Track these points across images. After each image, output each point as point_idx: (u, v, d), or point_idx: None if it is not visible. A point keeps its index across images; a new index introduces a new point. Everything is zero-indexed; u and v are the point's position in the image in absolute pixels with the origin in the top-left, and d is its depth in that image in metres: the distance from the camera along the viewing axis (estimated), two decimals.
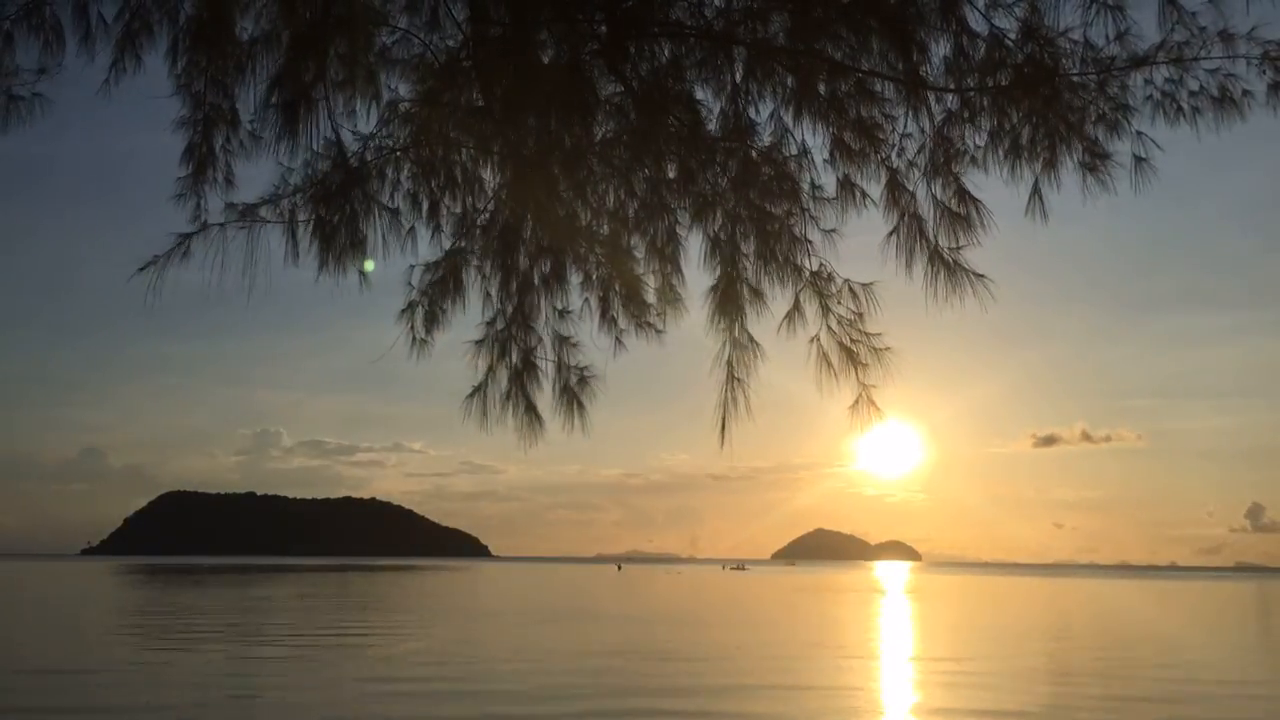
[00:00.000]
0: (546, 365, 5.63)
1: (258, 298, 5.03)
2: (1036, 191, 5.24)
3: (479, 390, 5.53)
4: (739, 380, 5.55)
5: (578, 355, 5.67)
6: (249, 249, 5.04)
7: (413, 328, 5.60)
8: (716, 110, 5.50)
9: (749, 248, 5.58)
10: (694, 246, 5.64)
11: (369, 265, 5.31)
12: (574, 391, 5.59)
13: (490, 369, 5.55)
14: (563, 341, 5.68)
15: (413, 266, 5.58)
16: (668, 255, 5.67)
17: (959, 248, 5.28)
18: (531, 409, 5.56)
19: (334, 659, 21.79)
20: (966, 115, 5.28)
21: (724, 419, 5.50)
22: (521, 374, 5.59)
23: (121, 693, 16.67)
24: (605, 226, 5.65)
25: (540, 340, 5.66)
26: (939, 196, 5.35)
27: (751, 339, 5.59)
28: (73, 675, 18.64)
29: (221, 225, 5.11)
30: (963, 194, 5.33)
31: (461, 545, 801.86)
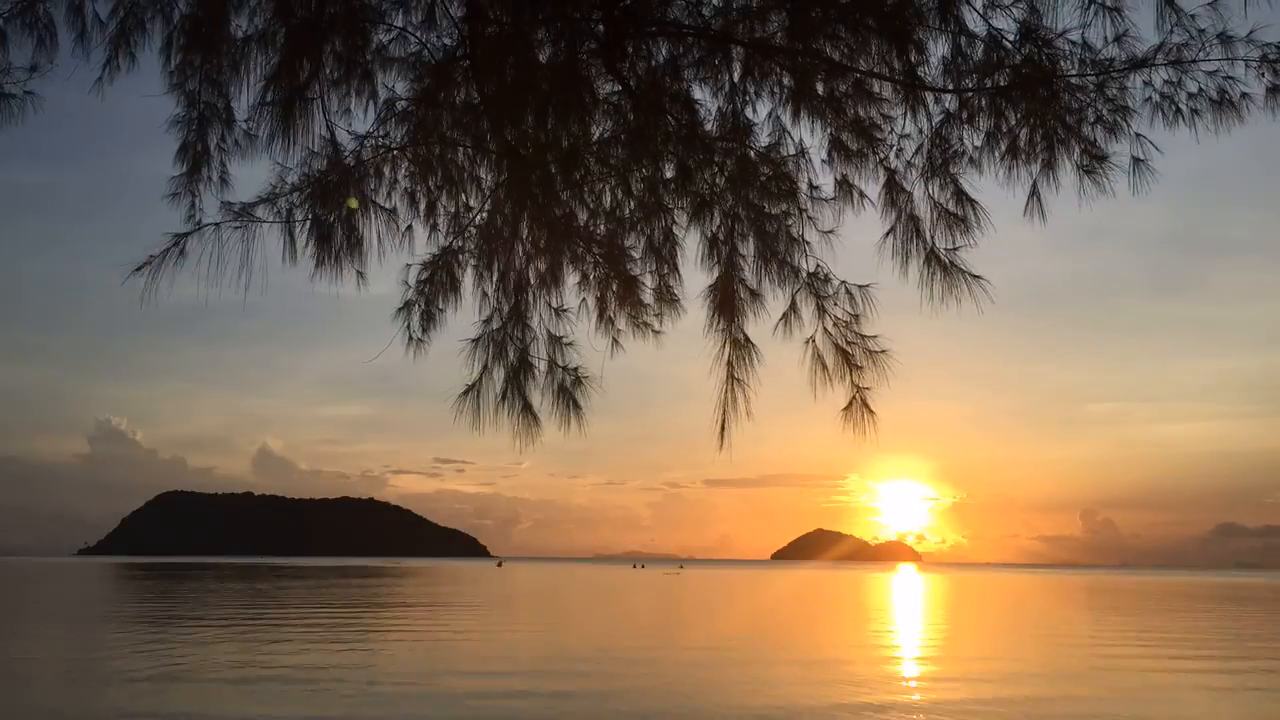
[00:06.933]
0: (541, 365, 5.58)
1: (261, 302, 4.96)
2: (1035, 193, 5.22)
3: (472, 389, 5.45)
4: (739, 381, 5.51)
5: (572, 355, 5.61)
6: (245, 250, 4.96)
7: (409, 327, 5.54)
8: (714, 110, 5.50)
9: (747, 248, 5.57)
10: (691, 246, 5.62)
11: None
12: (569, 392, 5.54)
13: (485, 368, 5.49)
14: (557, 341, 5.63)
15: (409, 265, 5.55)
16: (665, 255, 5.65)
17: (956, 249, 5.27)
18: (528, 409, 5.50)
19: None
20: (964, 116, 5.26)
21: (724, 420, 5.47)
22: (518, 374, 5.53)
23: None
24: (602, 226, 5.62)
25: (536, 339, 5.61)
26: (936, 197, 5.33)
27: (748, 339, 5.57)
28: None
29: (217, 225, 5.00)
30: (960, 195, 5.31)
31: (461, 546, 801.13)
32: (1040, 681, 17.44)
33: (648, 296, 5.63)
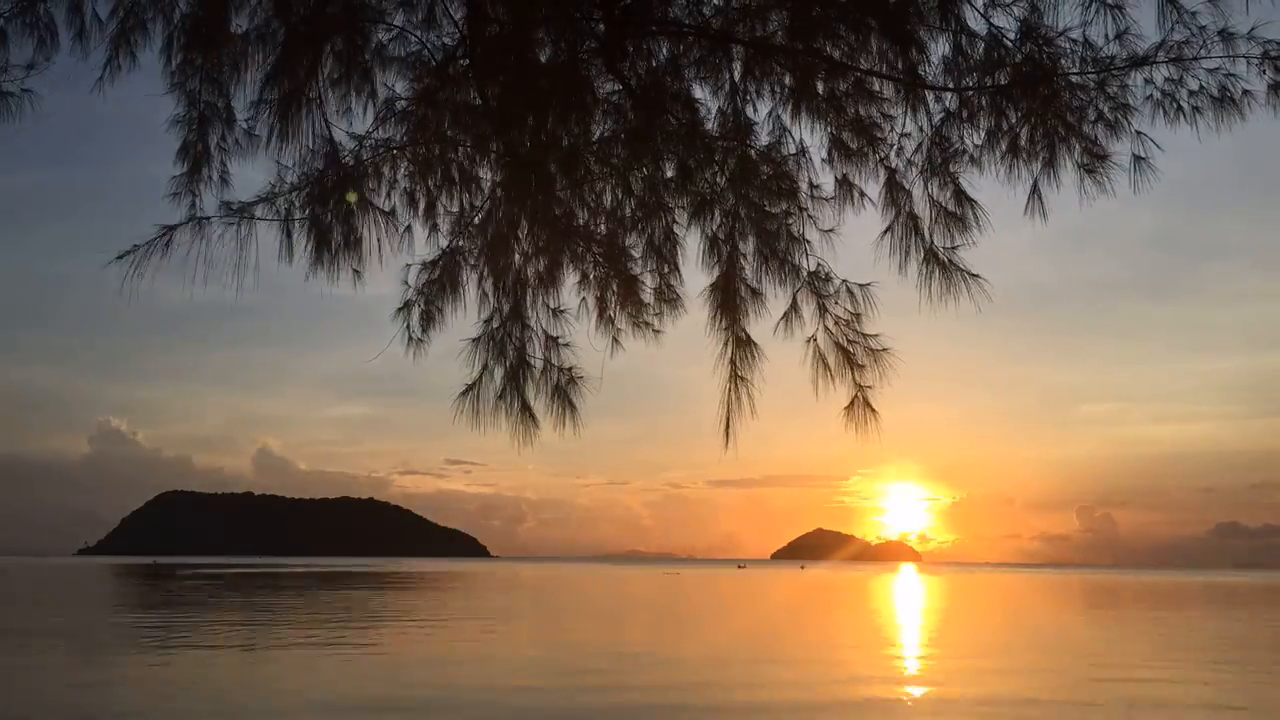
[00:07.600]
0: (539, 365, 5.58)
1: (268, 303, 4.94)
2: (1036, 191, 5.22)
3: (472, 389, 5.45)
4: (743, 379, 5.51)
5: (568, 355, 5.60)
6: (239, 246, 4.94)
7: (408, 327, 5.54)
8: (714, 109, 5.49)
9: (747, 247, 5.56)
10: (692, 246, 5.62)
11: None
12: (564, 392, 5.54)
13: (485, 368, 5.49)
14: (554, 341, 5.62)
15: (409, 265, 5.55)
16: (665, 255, 5.64)
17: (954, 247, 5.27)
18: (526, 409, 5.50)
19: None
20: (965, 115, 5.25)
21: (728, 419, 5.46)
22: (517, 373, 5.53)
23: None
24: (603, 225, 5.62)
25: (535, 339, 5.61)
26: (935, 196, 5.33)
27: (750, 338, 5.57)
28: None
29: (208, 219, 4.97)
30: (959, 194, 5.31)
31: (461, 546, 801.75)
32: None
33: (648, 296, 5.62)
